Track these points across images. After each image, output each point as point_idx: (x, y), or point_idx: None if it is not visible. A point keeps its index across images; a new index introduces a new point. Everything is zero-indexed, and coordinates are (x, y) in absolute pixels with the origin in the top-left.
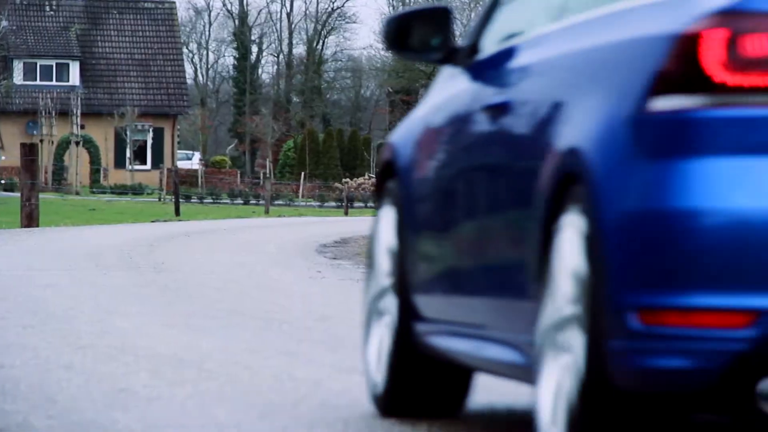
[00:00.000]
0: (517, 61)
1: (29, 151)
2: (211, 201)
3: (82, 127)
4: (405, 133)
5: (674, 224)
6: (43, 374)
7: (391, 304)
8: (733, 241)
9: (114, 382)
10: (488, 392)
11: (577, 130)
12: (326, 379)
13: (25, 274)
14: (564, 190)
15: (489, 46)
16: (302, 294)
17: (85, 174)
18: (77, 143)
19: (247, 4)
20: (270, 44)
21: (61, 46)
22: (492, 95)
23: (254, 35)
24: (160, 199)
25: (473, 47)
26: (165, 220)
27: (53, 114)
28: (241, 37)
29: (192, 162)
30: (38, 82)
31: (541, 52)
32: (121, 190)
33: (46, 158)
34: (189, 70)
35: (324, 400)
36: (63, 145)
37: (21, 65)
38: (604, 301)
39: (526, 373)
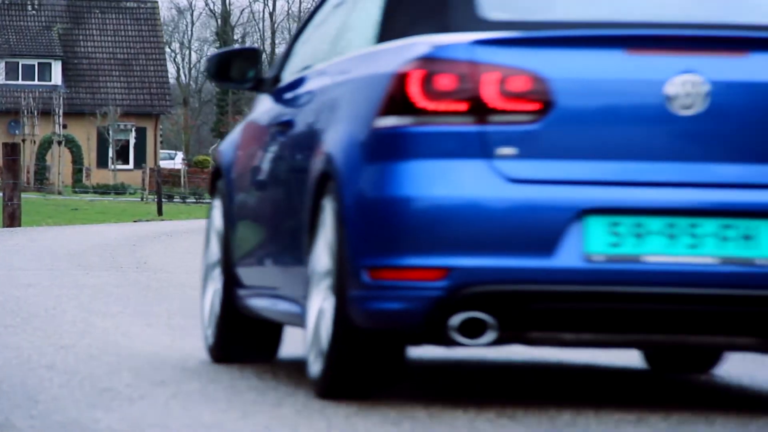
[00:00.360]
0: (300, 89)
1: (11, 151)
2: (194, 201)
3: (65, 126)
4: (228, 143)
5: (390, 207)
6: (25, 374)
7: (218, 274)
8: (430, 219)
9: (96, 381)
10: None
11: (331, 141)
12: (308, 380)
13: (6, 273)
14: (323, 184)
15: (286, 77)
16: None
17: (68, 174)
18: (59, 143)
19: (229, 4)
20: (253, 43)
21: (43, 45)
22: (282, 115)
23: (237, 35)
24: (142, 199)
25: (276, 78)
26: (147, 220)
27: (35, 114)
28: (224, 36)
29: (175, 162)
30: (20, 82)
31: (316, 83)
32: (103, 189)
33: (28, 158)
34: (171, 69)
35: (306, 400)
36: (45, 145)
37: (3, 65)
38: (346, 262)
39: (303, 319)
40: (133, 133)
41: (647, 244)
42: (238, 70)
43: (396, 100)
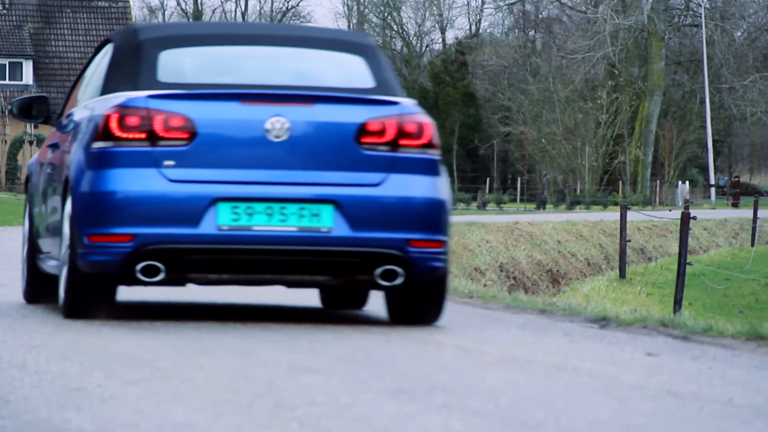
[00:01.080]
0: (65, 122)
1: None
2: None
3: (36, 126)
4: (34, 157)
5: (99, 197)
6: None
7: (27, 244)
8: (123, 204)
9: (67, 381)
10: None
11: (72, 157)
12: (281, 379)
13: None
14: (66, 185)
15: (66, 111)
16: (257, 293)
17: None
18: (31, 143)
19: (201, 3)
20: None
21: (14, 44)
22: (54, 138)
23: None
24: None
25: (60, 114)
26: None
27: (6, 113)
28: None
29: None
30: None
31: (72, 118)
32: None
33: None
34: None
35: (279, 400)
36: (17, 145)
37: None
38: (75, 231)
39: (60, 270)
40: None
41: (255, 219)
42: (37, 110)
43: (103, 131)
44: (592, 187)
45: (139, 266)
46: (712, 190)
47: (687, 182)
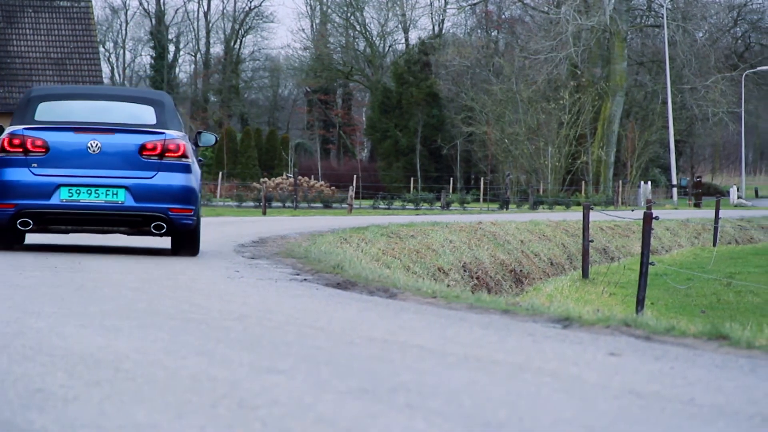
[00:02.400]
0: None
1: None
2: None
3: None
4: None
5: (5, 184)
6: None
7: None
8: (7, 187)
9: (30, 382)
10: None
11: None
12: (244, 379)
13: None
14: None
15: None
16: (220, 294)
17: None
18: None
19: (164, 3)
20: (187, 43)
21: None
22: None
23: (171, 34)
24: None
25: None
26: None
27: None
28: (158, 36)
29: None
30: None
31: None
32: None
33: None
34: (106, 69)
35: (242, 400)
36: None
37: None
38: None
39: None
40: None
41: (81, 195)
42: None
43: (0, 147)
44: (554, 187)
45: (19, 221)
46: (674, 190)
47: (649, 182)
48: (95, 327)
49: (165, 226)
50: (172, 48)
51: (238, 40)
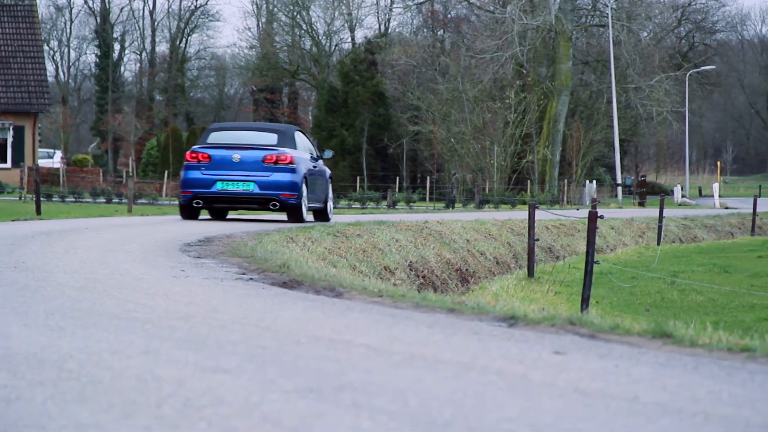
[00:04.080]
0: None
1: None
2: (74, 200)
3: None
4: None
5: (184, 180)
6: None
7: None
8: (193, 182)
9: None
10: None
11: None
12: (190, 379)
13: None
14: None
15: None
16: (165, 293)
17: None
18: None
19: (109, 2)
20: (132, 42)
21: None
22: None
23: (116, 33)
24: (20, 198)
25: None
26: (26, 219)
27: None
28: (103, 34)
29: (53, 160)
30: None
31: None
32: None
33: None
34: (50, 67)
35: (187, 400)
36: None
37: None
38: None
39: None
40: (11, 132)
41: (230, 186)
42: None
43: (184, 159)
44: (500, 186)
45: (194, 201)
46: (619, 189)
47: (594, 181)
48: (39, 327)
49: (278, 204)
50: (117, 46)
51: (184, 39)
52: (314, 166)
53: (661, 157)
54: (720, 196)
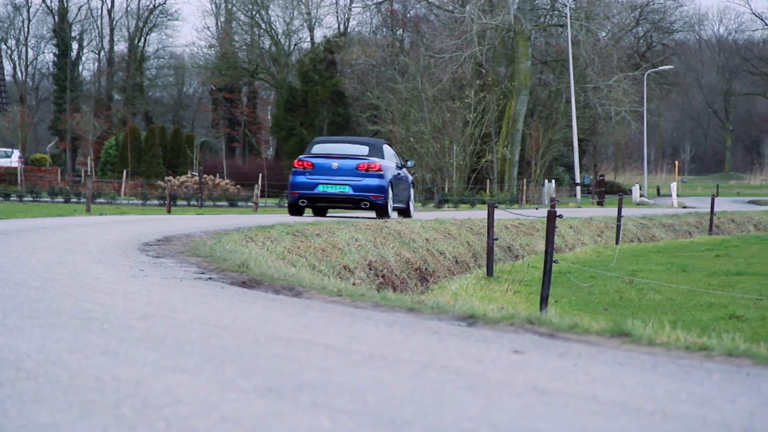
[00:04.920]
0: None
1: None
2: (32, 199)
3: None
4: None
5: (292, 183)
6: None
7: None
8: (301, 185)
9: None
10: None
11: None
12: (148, 379)
13: None
14: None
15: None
16: (124, 293)
17: None
18: None
19: (67, 1)
20: (91, 41)
21: None
22: None
23: (74, 32)
24: None
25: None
26: None
27: None
28: (61, 33)
29: (11, 160)
30: None
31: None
32: None
33: None
34: (8, 66)
35: (146, 400)
36: None
37: None
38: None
39: None
40: None
41: (329, 189)
42: None
43: (294, 166)
44: (460, 186)
45: (299, 201)
46: (578, 188)
47: (553, 181)
48: None
49: (368, 204)
50: (75, 45)
51: (143, 38)
52: (398, 173)
53: (619, 157)
54: (678, 195)
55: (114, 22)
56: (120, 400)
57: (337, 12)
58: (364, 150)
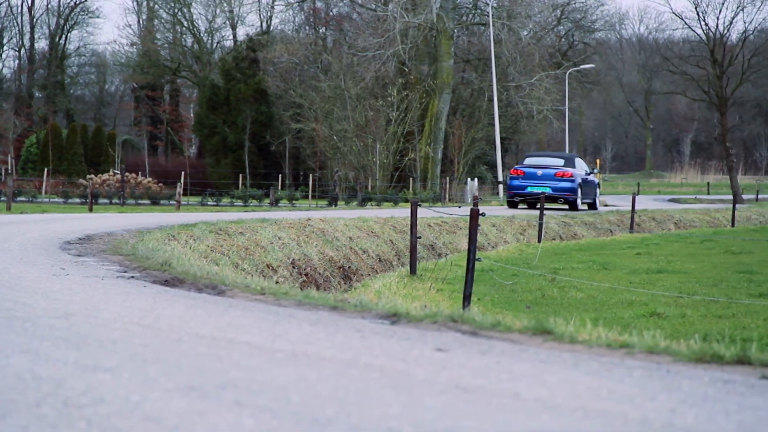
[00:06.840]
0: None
1: None
2: None
3: None
4: None
5: (512, 186)
6: None
7: None
8: (514, 186)
9: None
10: None
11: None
12: (69, 378)
13: None
14: None
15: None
16: (45, 292)
17: None
18: None
19: None
20: (11, 38)
21: None
22: None
23: None
24: None
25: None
26: None
27: None
28: None
29: None
30: None
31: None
32: None
33: None
34: None
35: (67, 399)
36: None
37: None
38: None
39: None
40: None
41: (536, 189)
42: None
43: (511, 174)
44: (383, 184)
45: (515, 199)
46: (501, 187)
47: (476, 179)
48: None
49: (563, 200)
50: None
51: (64, 36)
52: (587, 178)
53: None
54: (600, 193)
55: (34, 20)
56: (41, 399)
57: (259, 10)
58: (560, 162)
